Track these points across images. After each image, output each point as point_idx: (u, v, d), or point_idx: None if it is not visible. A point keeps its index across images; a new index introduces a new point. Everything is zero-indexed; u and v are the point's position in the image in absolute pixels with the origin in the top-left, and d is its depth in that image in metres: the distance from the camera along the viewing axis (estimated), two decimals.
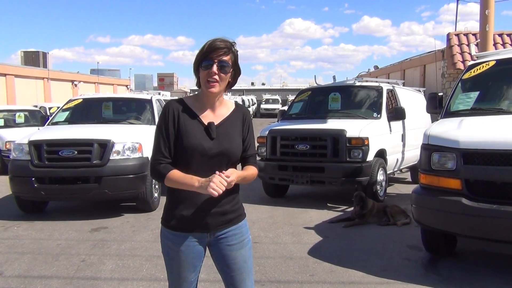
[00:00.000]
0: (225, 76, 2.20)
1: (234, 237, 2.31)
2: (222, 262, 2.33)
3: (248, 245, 2.37)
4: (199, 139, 2.20)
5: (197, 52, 2.23)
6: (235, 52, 2.24)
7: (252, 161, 2.38)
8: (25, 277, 4.52)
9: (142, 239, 5.80)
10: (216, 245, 2.31)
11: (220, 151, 2.22)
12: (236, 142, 2.29)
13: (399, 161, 8.66)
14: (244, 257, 2.34)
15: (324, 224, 6.46)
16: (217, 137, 2.23)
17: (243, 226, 2.36)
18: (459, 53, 15.58)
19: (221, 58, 2.17)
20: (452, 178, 4.34)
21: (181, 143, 2.20)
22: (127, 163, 6.81)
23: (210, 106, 2.28)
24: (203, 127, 2.23)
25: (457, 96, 5.39)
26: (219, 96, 2.28)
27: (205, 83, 2.20)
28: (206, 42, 2.21)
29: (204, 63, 2.18)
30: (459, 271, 4.55)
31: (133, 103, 9.36)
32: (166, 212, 2.32)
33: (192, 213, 2.22)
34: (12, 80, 25.33)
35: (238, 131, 2.32)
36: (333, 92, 8.60)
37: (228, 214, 2.28)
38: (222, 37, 2.22)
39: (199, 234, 2.27)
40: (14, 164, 6.89)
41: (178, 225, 2.26)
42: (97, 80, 38.68)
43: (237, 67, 2.27)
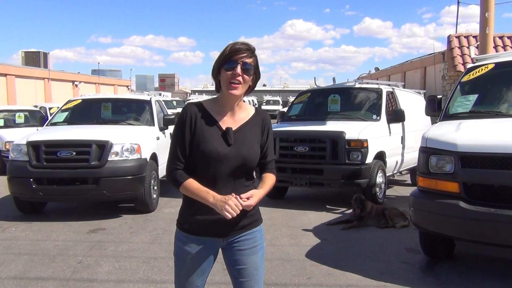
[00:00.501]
0: (248, 79, 2.16)
1: (246, 242, 2.27)
2: (233, 266, 2.29)
3: (260, 252, 2.32)
4: (215, 145, 2.15)
5: (218, 55, 2.19)
6: (256, 57, 2.22)
7: (271, 167, 2.34)
8: (21, 279, 4.50)
9: (140, 240, 5.78)
10: (228, 250, 2.28)
11: (238, 158, 2.17)
12: (254, 149, 2.23)
13: (399, 163, 8.64)
14: (255, 264, 2.29)
15: (323, 226, 6.45)
16: (235, 143, 2.18)
17: (257, 232, 2.31)
18: (460, 55, 15.54)
19: (244, 59, 2.13)
20: (450, 181, 4.32)
21: (197, 148, 2.16)
22: (125, 164, 6.80)
23: (230, 110, 2.23)
24: (221, 132, 2.18)
25: (456, 99, 5.37)
26: (239, 100, 2.23)
27: (228, 84, 2.14)
28: (228, 44, 2.17)
29: (227, 65, 2.13)
30: (457, 275, 4.53)
31: (132, 104, 9.35)
32: (181, 214, 2.30)
33: (206, 218, 2.18)
34: (13, 80, 25.35)
35: (257, 137, 2.26)
36: (333, 94, 8.59)
37: (242, 220, 2.23)
38: (243, 41, 2.21)
39: (211, 239, 2.23)
40: (12, 164, 6.89)
41: (191, 228, 2.23)
42: (98, 80, 38.70)
43: (258, 72, 2.23)
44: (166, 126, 8.50)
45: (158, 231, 6.20)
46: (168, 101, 24.59)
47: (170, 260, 4.92)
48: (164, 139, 8.41)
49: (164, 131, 8.47)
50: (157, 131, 8.18)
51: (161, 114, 8.88)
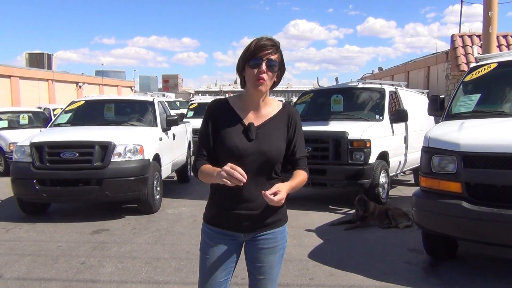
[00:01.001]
0: (272, 75, 2.17)
1: (266, 241, 2.26)
2: (250, 263, 2.31)
3: (279, 252, 2.32)
4: (235, 140, 2.16)
5: (243, 51, 2.19)
6: (281, 51, 2.21)
7: (302, 164, 2.30)
8: (24, 280, 4.52)
9: (143, 241, 5.79)
10: (250, 245, 2.28)
11: (258, 153, 2.15)
12: (276, 144, 2.20)
13: (402, 163, 8.62)
14: (272, 264, 2.30)
15: (325, 227, 6.44)
16: (257, 138, 2.17)
17: (279, 232, 2.30)
18: (463, 54, 15.48)
19: (269, 56, 2.13)
20: (453, 181, 4.31)
21: (220, 144, 2.19)
22: (128, 165, 6.82)
23: (254, 106, 2.23)
24: (243, 127, 2.19)
25: (459, 99, 5.36)
26: (265, 95, 2.23)
27: (254, 81, 2.14)
28: (253, 41, 2.17)
29: (252, 62, 2.13)
30: (460, 275, 4.51)
31: (135, 105, 9.36)
32: (207, 207, 2.32)
33: (228, 211, 2.20)
34: (17, 81, 25.46)
35: (281, 133, 2.24)
36: (336, 94, 8.58)
37: (265, 217, 2.23)
38: (268, 36, 2.19)
39: (233, 233, 2.24)
40: (16, 166, 6.91)
41: (214, 220, 2.26)
42: (102, 81, 38.81)
43: (283, 67, 2.23)
44: (169, 127, 8.51)
45: (161, 232, 6.21)
46: (171, 102, 24.64)
47: (173, 261, 4.95)
48: (167, 140, 8.42)
49: (167, 132, 8.48)
50: (160, 132, 8.19)
51: (164, 115, 8.90)
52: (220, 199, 2.22)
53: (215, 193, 2.26)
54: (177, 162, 9.28)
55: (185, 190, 9.24)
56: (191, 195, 8.68)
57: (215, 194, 2.26)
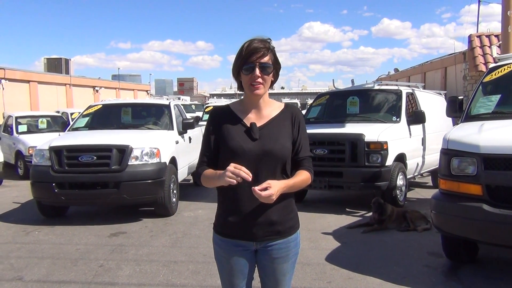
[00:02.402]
0: (268, 77, 2.17)
1: (279, 251, 2.23)
2: (262, 269, 2.29)
3: (292, 259, 2.29)
4: (239, 141, 2.16)
5: (235, 56, 2.19)
6: (273, 49, 2.20)
7: (305, 164, 2.25)
8: (44, 282, 4.58)
9: (160, 244, 5.82)
10: (261, 254, 2.25)
11: (262, 152, 2.14)
12: (280, 143, 2.18)
13: (420, 165, 8.52)
14: (284, 271, 2.28)
15: (342, 230, 6.39)
16: (260, 138, 2.17)
17: (291, 240, 2.26)
18: (481, 55, 15.26)
19: (261, 60, 2.13)
20: (473, 184, 4.24)
21: (224, 147, 2.19)
22: (145, 168, 6.87)
23: (255, 108, 2.24)
24: (245, 128, 2.20)
25: (478, 100, 5.28)
26: (264, 96, 2.23)
27: (249, 86, 2.16)
28: (243, 44, 2.17)
29: (245, 67, 2.14)
30: (481, 279, 4.44)
31: (152, 109, 9.44)
32: (216, 217, 2.30)
33: (238, 221, 2.17)
34: (36, 86, 25.82)
35: (285, 132, 2.22)
36: (351, 96, 8.53)
37: (275, 225, 2.19)
38: (258, 37, 2.18)
39: (245, 242, 2.21)
40: (35, 169, 7.02)
41: (225, 231, 2.23)
42: (118, 85, 39.16)
43: (277, 64, 2.22)
44: (185, 130, 8.56)
45: (178, 235, 6.23)
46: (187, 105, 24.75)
47: (190, 264, 4.96)
48: (183, 143, 8.46)
49: (183, 135, 8.53)
50: (176, 135, 8.23)
51: (180, 118, 8.95)
52: (230, 207, 2.19)
53: (224, 202, 2.23)
54: (193, 165, 9.31)
55: (201, 193, 9.27)
56: (207, 198, 8.71)
57: (224, 202, 2.24)
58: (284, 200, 2.19)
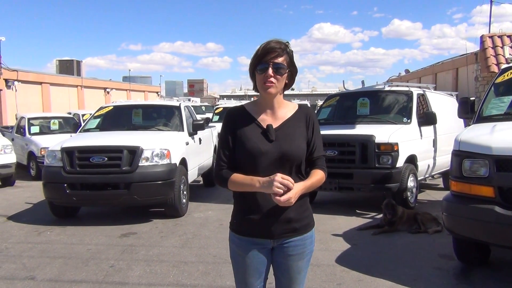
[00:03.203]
0: (281, 78, 2.19)
1: (295, 248, 2.26)
2: (277, 267, 2.31)
3: (307, 257, 2.32)
4: (256, 142, 2.18)
5: (252, 56, 2.22)
6: (290, 52, 2.22)
7: (319, 164, 2.29)
8: (55, 282, 4.62)
9: (170, 244, 5.85)
10: (277, 251, 2.27)
11: (279, 154, 2.17)
12: (297, 144, 2.22)
13: (431, 167, 8.46)
14: (299, 268, 2.30)
15: (353, 231, 6.36)
16: (276, 140, 2.19)
17: (307, 238, 2.30)
18: (493, 55, 15.10)
19: (275, 60, 2.16)
20: (485, 186, 4.20)
21: (240, 148, 2.21)
22: (155, 169, 6.90)
23: (270, 109, 2.26)
24: (261, 130, 2.22)
25: (490, 101, 5.23)
26: (278, 97, 2.25)
27: (262, 85, 2.19)
28: (260, 45, 2.20)
29: (259, 67, 2.17)
30: (493, 282, 4.39)
31: (162, 110, 9.48)
32: (233, 216, 2.32)
33: (255, 219, 2.19)
34: (48, 88, 26.10)
35: (300, 132, 2.25)
36: (362, 97, 8.49)
37: (292, 222, 2.22)
38: (275, 39, 2.21)
39: (262, 240, 2.23)
40: (47, 170, 7.09)
41: (241, 229, 2.26)
42: (129, 87, 39.43)
43: (293, 67, 2.24)
44: (195, 131, 8.59)
45: (188, 236, 6.26)
46: (197, 106, 24.85)
47: (200, 265, 4.98)
48: (193, 144, 8.49)
49: (193, 136, 8.56)
50: (186, 136, 8.26)
51: (190, 119, 8.98)
52: (247, 205, 2.21)
53: (241, 200, 2.25)
54: (204, 166, 9.34)
55: (211, 194, 9.29)
56: (217, 199, 8.73)
57: (241, 201, 2.25)
58: (301, 198, 2.22)
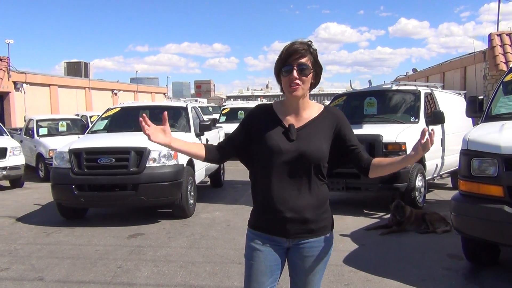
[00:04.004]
0: (306, 79, 2.17)
1: (311, 250, 2.23)
2: (292, 268, 2.29)
3: (324, 259, 2.28)
4: (277, 140, 2.19)
5: (276, 58, 2.23)
6: (314, 51, 2.21)
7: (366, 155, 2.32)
8: (64, 282, 4.64)
9: (178, 245, 5.86)
10: (293, 252, 2.25)
11: (297, 153, 2.16)
12: (316, 145, 2.19)
13: (439, 166, 8.40)
14: (315, 270, 2.26)
15: (360, 231, 6.34)
16: (297, 139, 2.19)
17: (325, 240, 2.25)
18: (502, 54, 15.00)
19: (299, 61, 2.15)
20: (494, 185, 4.16)
21: (260, 145, 2.22)
22: (163, 170, 6.92)
23: (294, 110, 2.26)
24: (284, 129, 2.22)
25: (499, 99, 5.19)
26: (303, 98, 2.24)
27: (288, 88, 2.18)
28: (284, 47, 2.20)
29: (284, 69, 2.17)
30: (502, 282, 4.36)
31: (169, 111, 9.46)
32: (251, 213, 2.33)
33: (271, 216, 2.19)
34: (56, 90, 26.23)
35: (322, 134, 2.23)
36: (369, 97, 8.46)
37: (309, 223, 2.19)
38: (298, 40, 2.21)
39: (278, 238, 2.22)
40: (55, 172, 7.13)
41: (257, 224, 2.26)
42: (136, 88, 39.54)
43: (318, 66, 2.22)
44: (202, 132, 8.60)
45: (195, 236, 6.26)
46: (204, 107, 24.87)
47: (208, 265, 4.98)
48: None
49: (200, 137, 8.57)
50: (193, 137, 8.28)
51: (197, 120, 8.99)
52: (263, 201, 2.22)
53: (258, 196, 2.26)
54: (211, 167, 9.34)
55: (218, 194, 9.30)
56: (224, 199, 8.73)
57: (258, 197, 2.27)
58: (319, 199, 2.22)
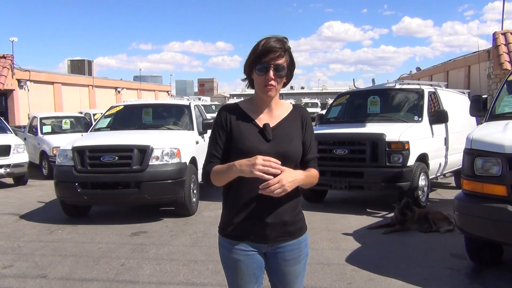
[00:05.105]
0: (281, 80, 2.11)
1: (291, 253, 2.18)
2: (273, 273, 2.23)
3: (303, 261, 2.24)
4: (254, 142, 2.10)
5: (249, 53, 2.12)
6: (289, 49, 2.12)
7: (313, 165, 2.23)
8: (67, 280, 4.66)
9: (180, 243, 5.86)
10: (272, 257, 2.19)
11: (278, 154, 2.07)
12: (295, 144, 2.16)
13: (442, 165, 8.38)
14: (296, 273, 2.22)
15: (363, 230, 6.33)
16: (274, 139, 2.12)
17: (302, 241, 2.22)
18: (506, 52, 14.95)
19: (276, 61, 2.06)
20: (497, 184, 4.15)
21: (236, 147, 2.12)
22: (165, 168, 6.92)
23: (266, 108, 2.19)
24: (258, 129, 2.14)
25: (503, 98, 5.17)
26: (275, 97, 2.18)
27: (262, 88, 2.10)
28: (259, 41, 2.09)
29: (259, 67, 2.07)
30: (505, 282, 4.34)
31: (172, 109, 9.52)
32: (222, 220, 2.23)
33: (249, 222, 2.10)
34: (60, 88, 26.26)
35: (297, 133, 2.20)
36: (372, 96, 8.44)
37: (288, 225, 2.14)
38: (275, 36, 2.10)
39: (256, 244, 2.14)
40: (59, 169, 7.15)
41: (234, 233, 2.15)
42: (140, 86, 39.56)
43: (292, 65, 2.15)
44: (205, 130, 8.60)
45: (198, 234, 6.27)
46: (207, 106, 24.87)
47: (210, 264, 4.98)
48: (203, 143, 8.48)
49: (203, 135, 8.57)
50: (196, 135, 8.28)
51: (200, 118, 9.00)
52: (238, 208, 2.12)
53: (232, 202, 2.16)
54: None
55: (221, 193, 9.30)
56: None
57: (231, 203, 2.17)
58: (294, 200, 2.16)
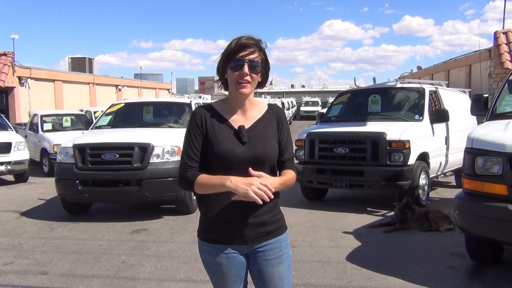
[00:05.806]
0: (256, 76, 2.07)
1: (272, 252, 2.14)
2: (258, 277, 2.17)
3: (286, 261, 2.19)
4: (229, 144, 2.05)
5: (222, 52, 2.08)
6: (264, 49, 2.10)
7: (290, 165, 2.19)
8: (68, 277, 4.67)
9: (181, 241, 5.87)
10: (253, 259, 2.15)
11: (253, 156, 2.05)
12: (270, 145, 2.12)
13: (443, 164, 8.38)
14: (281, 275, 2.17)
15: (363, 229, 6.33)
16: (249, 141, 2.07)
17: (282, 240, 2.18)
18: (507, 52, 14.94)
19: (251, 57, 2.03)
20: (498, 184, 4.15)
21: (212, 150, 2.07)
22: (166, 166, 6.93)
23: (240, 109, 2.14)
24: (233, 131, 2.09)
25: (504, 98, 5.17)
26: (249, 97, 2.14)
27: (235, 84, 2.06)
28: (232, 40, 2.07)
29: (232, 64, 2.04)
30: (506, 280, 4.34)
31: (173, 107, 9.52)
32: (201, 224, 2.18)
33: (228, 224, 2.07)
34: (60, 85, 26.25)
35: (273, 133, 2.16)
36: (373, 94, 8.44)
37: (267, 225, 2.11)
38: (248, 35, 2.08)
39: (236, 246, 2.11)
40: (60, 167, 7.15)
41: (213, 237, 2.11)
42: (140, 84, 39.54)
43: (267, 65, 2.12)
44: None
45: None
46: None
47: None
48: None
49: None
50: None
51: None
52: (215, 210, 2.08)
53: (208, 205, 2.11)
54: None
55: None
56: None
57: (207, 206, 2.11)
58: (273, 200, 2.07)
